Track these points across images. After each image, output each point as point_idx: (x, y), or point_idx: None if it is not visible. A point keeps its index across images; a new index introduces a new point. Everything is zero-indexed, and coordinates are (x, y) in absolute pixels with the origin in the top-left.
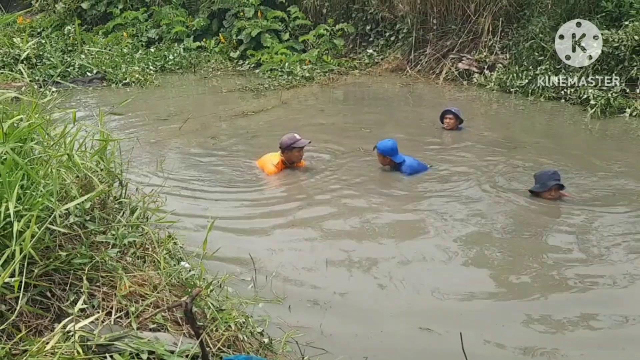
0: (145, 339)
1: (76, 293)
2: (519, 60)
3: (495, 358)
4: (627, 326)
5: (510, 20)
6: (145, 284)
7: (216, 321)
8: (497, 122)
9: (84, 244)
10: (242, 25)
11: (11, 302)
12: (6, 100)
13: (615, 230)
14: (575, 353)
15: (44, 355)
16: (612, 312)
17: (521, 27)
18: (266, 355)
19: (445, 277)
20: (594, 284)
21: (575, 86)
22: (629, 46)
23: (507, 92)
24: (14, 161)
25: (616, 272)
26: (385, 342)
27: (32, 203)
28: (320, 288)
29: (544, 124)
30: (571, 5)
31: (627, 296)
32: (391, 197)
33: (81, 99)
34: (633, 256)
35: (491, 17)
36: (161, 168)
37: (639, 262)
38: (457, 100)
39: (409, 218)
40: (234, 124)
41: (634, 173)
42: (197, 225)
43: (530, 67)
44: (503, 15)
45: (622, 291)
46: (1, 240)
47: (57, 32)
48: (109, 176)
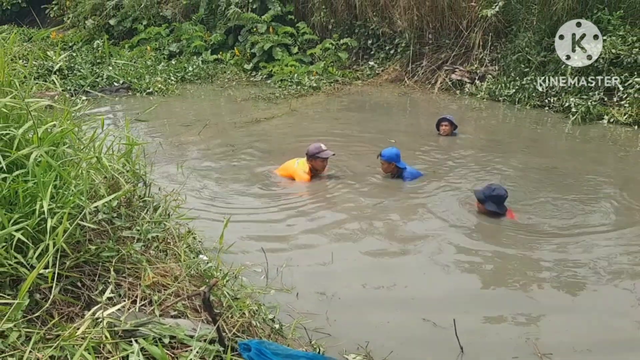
0: (167, 325)
1: (104, 283)
2: (506, 71)
3: (485, 343)
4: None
5: (498, 35)
6: (167, 275)
7: (231, 309)
8: (488, 128)
9: (111, 239)
10: (256, 39)
11: (45, 291)
12: (41, 107)
13: (594, 223)
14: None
15: (75, 339)
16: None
17: (509, 42)
18: (277, 340)
19: (443, 274)
20: (575, 275)
21: (558, 95)
22: (607, 59)
23: (496, 101)
24: (47, 163)
25: (595, 268)
26: (386, 329)
27: (64, 201)
28: (326, 280)
29: (530, 130)
30: (554, 22)
31: (606, 289)
32: (393, 199)
33: (109, 107)
34: (607, 250)
35: (481, 32)
36: (181, 169)
37: (615, 257)
38: (451, 108)
39: (409, 218)
40: (249, 130)
41: (610, 173)
42: (214, 221)
43: (517, 78)
44: (492, 31)
45: (600, 285)
46: (36, 235)
47: (86, 46)
48: (134, 177)
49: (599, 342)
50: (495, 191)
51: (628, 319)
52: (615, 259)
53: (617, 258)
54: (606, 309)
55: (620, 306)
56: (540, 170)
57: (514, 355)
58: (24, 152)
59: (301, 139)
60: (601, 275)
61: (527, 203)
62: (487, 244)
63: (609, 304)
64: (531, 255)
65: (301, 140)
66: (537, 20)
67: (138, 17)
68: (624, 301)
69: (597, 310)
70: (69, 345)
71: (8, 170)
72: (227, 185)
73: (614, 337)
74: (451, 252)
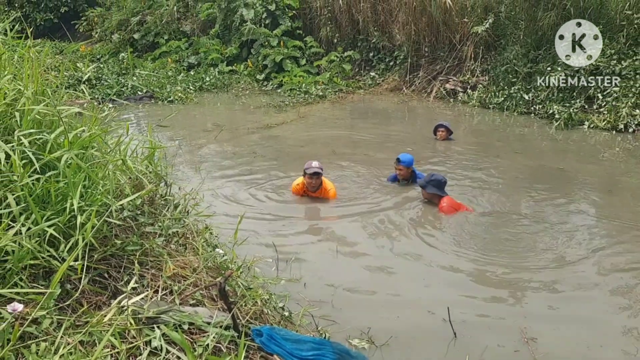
0: (186, 313)
1: (129, 274)
2: (496, 81)
3: (476, 330)
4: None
5: (488, 48)
6: (186, 267)
7: (245, 298)
8: (479, 133)
9: (135, 234)
10: (267, 52)
11: (75, 282)
12: (71, 114)
13: (575, 212)
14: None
15: (102, 326)
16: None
17: (498, 54)
18: (286, 326)
19: (440, 268)
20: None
21: (542, 102)
22: (587, 69)
23: (487, 108)
24: (77, 165)
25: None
26: (386, 317)
27: (92, 200)
28: (331, 271)
29: (517, 134)
30: (539, 36)
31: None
32: (395, 200)
33: (133, 114)
34: (589, 241)
35: (473, 45)
36: (199, 170)
37: (595, 248)
38: (445, 115)
39: (410, 216)
40: (261, 134)
41: (590, 172)
42: (229, 218)
43: (505, 87)
44: (483, 44)
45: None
46: (67, 231)
47: (113, 59)
48: (156, 177)
49: (575, 322)
50: (433, 177)
51: (597, 302)
52: (594, 249)
53: (596, 248)
54: (583, 296)
55: (590, 291)
56: (526, 169)
57: (502, 339)
58: (56, 155)
59: (308, 142)
60: (580, 266)
61: (515, 199)
62: (480, 241)
63: (587, 292)
64: (519, 248)
65: (308, 143)
66: (523, 35)
67: (160, 31)
68: (594, 285)
69: (575, 298)
70: (96, 331)
71: (41, 172)
72: (240, 185)
73: (585, 316)
74: (448, 249)
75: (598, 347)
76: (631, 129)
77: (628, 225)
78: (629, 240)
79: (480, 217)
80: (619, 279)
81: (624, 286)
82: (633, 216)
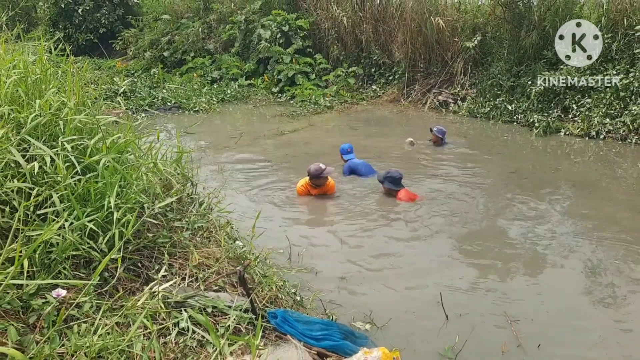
0: (210, 297)
1: (159, 264)
2: (483, 93)
3: (466, 313)
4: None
5: (476, 64)
6: (210, 257)
7: (261, 284)
8: (468, 139)
9: (165, 228)
10: (281, 68)
11: (112, 270)
12: (108, 123)
13: (550, 209)
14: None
15: (136, 309)
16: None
17: (484, 70)
18: (298, 309)
19: (437, 263)
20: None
21: (524, 112)
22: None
23: (475, 117)
24: (114, 167)
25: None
26: (386, 302)
27: (127, 198)
28: (339, 262)
29: (501, 140)
30: (521, 54)
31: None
32: (396, 200)
33: (163, 122)
34: (565, 235)
35: (462, 62)
36: (222, 172)
37: (569, 239)
38: (438, 123)
39: (410, 215)
40: (275, 140)
41: (565, 174)
42: (248, 214)
43: (491, 99)
44: (471, 61)
45: (557, 266)
46: (105, 225)
47: (145, 74)
48: (184, 178)
49: (555, 311)
50: (389, 173)
51: (575, 289)
52: (568, 240)
53: (570, 240)
54: (561, 283)
55: (569, 280)
56: (508, 171)
57: (489, 321)
58: (95, 159)
59: (318, 147)
60: (558, 256)
61: (499, 194)
62: (472, 235)
63: (563, 279)
64: (504, 240)
65: (317, 148)
66: (507, 52)
67: (187, 50)
68: (572, 275)
69: (552, 286)
70: (131, 314)
71: (82, 173)
72: (258, 184)
73: (566, 305)
74: (446, 245)
75: (577, 327)
76: (602, 135)
77: (599, 217)
78: (597, 229)
79: (472, 212)
80: (596, 265)
81: (601, 272)
82: (598, 212)
